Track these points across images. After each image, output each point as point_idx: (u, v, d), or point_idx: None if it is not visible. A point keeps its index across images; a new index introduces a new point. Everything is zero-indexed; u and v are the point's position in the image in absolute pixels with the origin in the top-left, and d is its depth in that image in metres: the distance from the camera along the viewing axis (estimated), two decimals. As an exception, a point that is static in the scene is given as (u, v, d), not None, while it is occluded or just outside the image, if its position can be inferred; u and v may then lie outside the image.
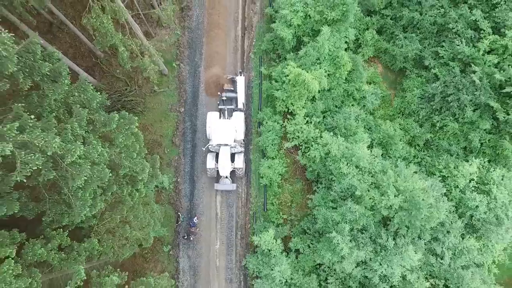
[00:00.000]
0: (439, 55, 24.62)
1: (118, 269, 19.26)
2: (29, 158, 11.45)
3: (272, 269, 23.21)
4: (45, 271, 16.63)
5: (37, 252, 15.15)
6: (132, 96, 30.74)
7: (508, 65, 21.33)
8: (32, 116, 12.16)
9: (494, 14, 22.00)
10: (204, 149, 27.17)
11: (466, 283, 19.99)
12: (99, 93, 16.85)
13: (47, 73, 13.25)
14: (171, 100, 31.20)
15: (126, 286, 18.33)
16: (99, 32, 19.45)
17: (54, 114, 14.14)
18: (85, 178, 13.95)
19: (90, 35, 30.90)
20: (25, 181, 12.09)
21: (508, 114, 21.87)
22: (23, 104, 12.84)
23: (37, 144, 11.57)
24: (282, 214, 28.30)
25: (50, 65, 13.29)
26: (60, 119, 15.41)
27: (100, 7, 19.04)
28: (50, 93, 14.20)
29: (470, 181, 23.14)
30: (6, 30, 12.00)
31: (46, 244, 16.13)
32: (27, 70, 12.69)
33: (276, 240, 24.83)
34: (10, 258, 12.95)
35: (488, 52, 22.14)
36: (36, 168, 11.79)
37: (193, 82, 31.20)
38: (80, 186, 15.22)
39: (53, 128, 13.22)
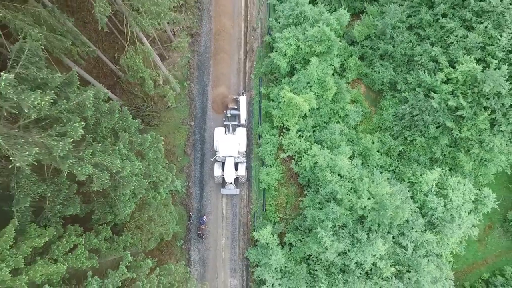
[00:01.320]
0: (408, 81, 30.08)
1: (150, 257, 24.72)
2: (101, 174, 16.87)
3: (269, 259, 28.65)
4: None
5: (92, 242, 20.59)
6: (149, 111, 35.99)
7: (461, 93, 26.75)
8: (100, 144, 17.58)
9: (449, 51, 27.43)
10: (212, 160, 32.63)
11: (422, 268, 25.44)
12: (136, 120, 22.27)
13: (106, 110, 18.68)
14: (183, 115, 36.50)
15: (157, 268, 23.71)
16: (132, 69, 24.85)
17: (108, 139, 19.56)
18: (133, 188, 19.37)
19: (112, 57, 36.39)
20: (97, 189, 17.49)
21: (461, 132, 27.33)
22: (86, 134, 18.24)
23: (106, 164, 16.99)
24: (278, 214, 33.70)
25: (108, 105, 18.72)
26: (109, 141, 20.81)
27: (134, 49, 24.42)
28: (104, 124, 19.64)
29: (432, 186, 28.59)
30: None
31: (97, 236, 21.56)
32: (94, 109, 18.08)
33: (273, 235, 30.22)
34: (81, 245, 18.39)
35: (445, 82, 27.48)
36: (106, 181, 17.22)
37: (202, 100, 36.54)
38: (123, 192, 20.66)
39: (110, 150, 18.65)
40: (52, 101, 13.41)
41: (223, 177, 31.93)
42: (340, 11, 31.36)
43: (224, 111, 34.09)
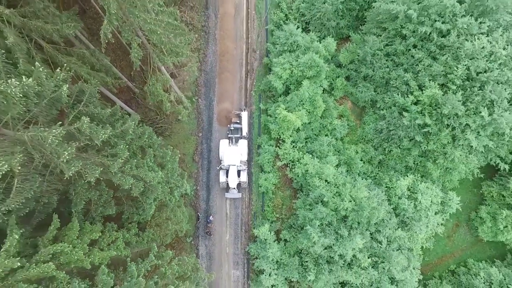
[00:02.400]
0: (385, 101, 35.69)
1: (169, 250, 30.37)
2: (138, 184, 22.48)
3: (267, 252, 34.25)
4: (125, 249, 27.64)
5: (125, 236, 26.20)
6: (161, 123, 41.52)
7: (427, 112, 32.33)
8: (135, 161, 23.18)
9: (418, 77, 33.01)
10: (218, 168, 38.29)
11: (393, 259, 31.07)
12: (159, 138, 27.87)
13: (139, 133, 24.30)
14: (192, 127, 42.08)
15: (176, 258, 29.31)
16: (153, 94, 30.43)
17: (138, 155, 25.16)
18: (159, 193, 24.99)
19: (129, 75, 41.82)
20: (135, 195, 23.09)
21: (428, 146, 32.95)
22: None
23: (141, 176, 22.59)
24: (275, 214, 39.34)
25: (141, 129, 24.34)
26: (140, 157, 26.42)
27: (155, 79, 30.01)
28: (135, 142, 25.23)
29: (404, 191, 34.20)
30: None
31: (128, 232, 27.18)
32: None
33: (270, 232, 35.81)
34: (120, 238, 24.00)
35: (415, 103, 33.10)
36: (142, 188, 22.83)
37: (208, 113, 42.14)
38: (151, 197, 26.28)
39: (141, 164, 24.25)
40: (110, 133, 19.02)
41: (227, 183, 37.55)
42: (328, 39, 36.97)
43: (228, 125, 39.70)
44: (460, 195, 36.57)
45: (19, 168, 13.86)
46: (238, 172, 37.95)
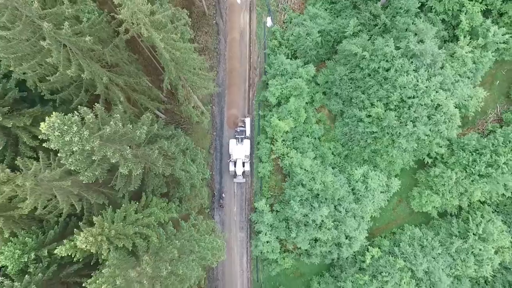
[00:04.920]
0: (349, 112, 51.55)
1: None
2: (186, 175, 38.73)
3: (263, 219, 51.11)
4: (171, 214, 44.39)
5: (173, 206, 42.74)
6: (185, 124, 57.49)
7: (375, 123, 48.21)
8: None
9: (370, 97, 48.64)
10: (228, 161, 54.71)
11: (347, 223, 47.96)
12: (193, 142, 43.98)
13: (184, 143, 40.39)
14: (208, 127, 58.04)
15: (204, 220, 46.14)
16: (186, 111, 46.15)
17: (182, 155, 41.32)
18: (195, 179, 41.40)
19: (158, 86, 57.14)
20: (183, 182, 39.56)
21: (376, 146, 49.14)
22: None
23: (187, 170, 38.81)
24: (270, 192, 56.04)
25: (185, 140, 40.43)
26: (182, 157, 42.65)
27: (188, 101, 45.58)
28: (180, 147, 41.37)
29: (360, 177, 50.69)
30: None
31: (174, 203, 43.74)
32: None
33: (266, 205, 52.63)
34: (173, 207, 40.57)
35: (368, 116, 48.94)
36: (189, 177, 39.13)
37: (220, 117, 57.99)
38: (190, 182, 42.75)
39: (186, 162, 40.48)
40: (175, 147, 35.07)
41: (235, 171, 54.01)
42: (309, 66, 52.37)
43: (235, 128, 55.72)
44: (402, 179, 53.28)
45: (143, 170, 30.02)
46: (243, 163, 54.31)
